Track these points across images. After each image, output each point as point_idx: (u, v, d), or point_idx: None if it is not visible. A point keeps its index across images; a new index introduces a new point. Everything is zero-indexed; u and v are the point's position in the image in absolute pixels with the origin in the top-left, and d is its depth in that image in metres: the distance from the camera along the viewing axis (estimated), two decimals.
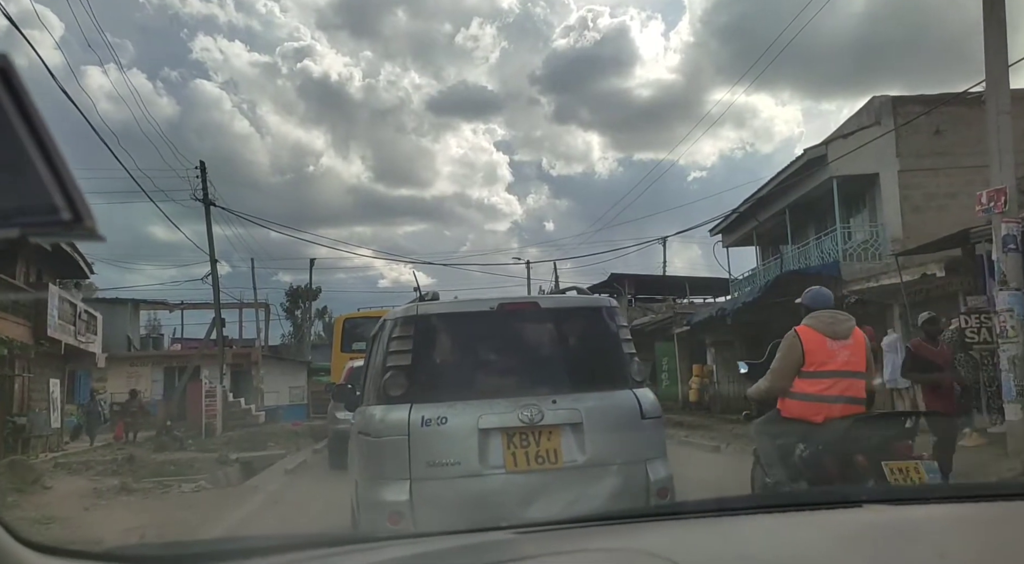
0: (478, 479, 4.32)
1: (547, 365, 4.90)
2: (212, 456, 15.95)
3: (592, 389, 4.68)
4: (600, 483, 4.41)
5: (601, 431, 4.50)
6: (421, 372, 4.58)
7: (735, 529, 1.58)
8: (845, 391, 4.99)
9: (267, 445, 19.80)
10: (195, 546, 2.01)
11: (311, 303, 47.85)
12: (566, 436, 4.43)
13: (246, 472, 15.10)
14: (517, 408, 4.39)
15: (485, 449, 4.35)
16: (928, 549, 1.38)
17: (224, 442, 19.95)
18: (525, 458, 4.37)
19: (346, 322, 20.39)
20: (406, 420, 4.35)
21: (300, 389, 35.63)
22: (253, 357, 33.14)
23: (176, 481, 10.61)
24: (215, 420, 23.64)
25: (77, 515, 8.37)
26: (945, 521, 1.59)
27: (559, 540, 1.55)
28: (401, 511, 4.24)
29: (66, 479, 12.16)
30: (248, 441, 20.23)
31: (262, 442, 20.29)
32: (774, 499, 2.06)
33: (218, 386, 24.59)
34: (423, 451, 4.32)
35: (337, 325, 21.37)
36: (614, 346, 4.88)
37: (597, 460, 4.43)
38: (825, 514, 1.66)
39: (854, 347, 5.14)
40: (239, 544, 1.87)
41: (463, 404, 4.46)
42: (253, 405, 29.22)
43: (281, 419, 29.05)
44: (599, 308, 5.04)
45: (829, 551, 1.42)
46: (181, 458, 15.26)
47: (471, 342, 4.93)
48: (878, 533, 1.49)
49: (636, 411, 4.62)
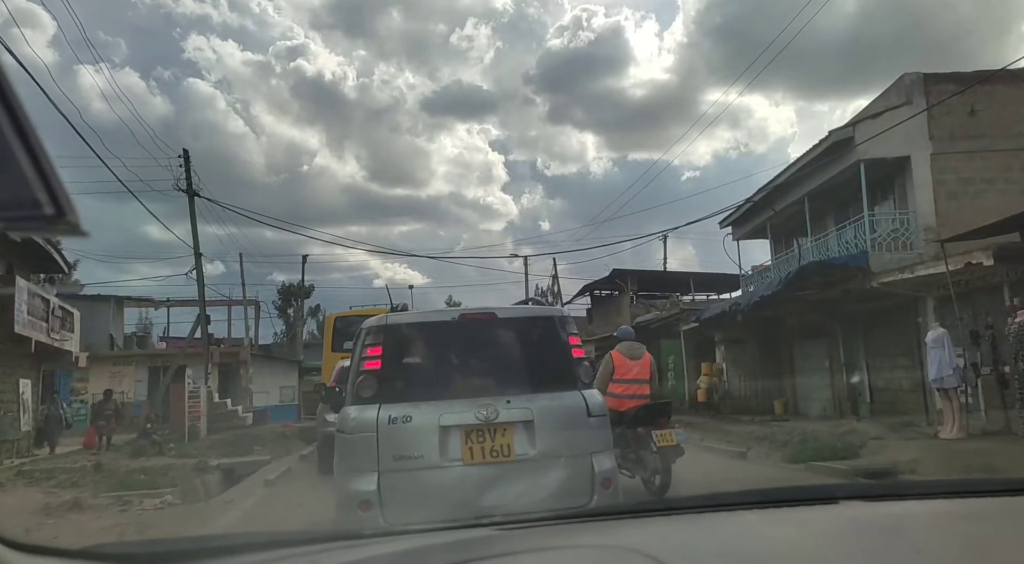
0: (439, 471, 4.78)
1: (503, 369, 5.39)
2: (191, 462, 14.77)
3: (543, 390, 5.14)
4: (549, 474, 4.88)
5: (550, 428, 4.96)
6: (389, 376, 5.05)
7: (717, 525, 1.61)
8: (636, 391, 8.11)
9: (253, 449, 18.77)
10: (178, 543, 2.01)
11: (303, 301, 46.50)
12: (519, 432, 4.90)
13: (226, 480, 13.91)
14: (474, 408, 4.86)
15: (445, 444, 4.82)
16: (905, 545, 1.38)
17: (207, 446, 18.83)
18: (481, 452, 4.83)
19: (337, 321, 19.57)
20: (375, 419, 4.82)
21: (291, 389, 34.32)
22: (241, 356, 31.80)
23: (139, 495, 9.33)
24: (199, 422, 22.42)
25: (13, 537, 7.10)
26: (922, 517, 1.61)
27: (544, 536, 1.57)
28: (370, 500, 4.67)
29: (21, 491, 10.91)
30: (233, 445, 19.11)
31: (248, 446, 19.22)
32: (755, 496, 1.85)
33: (203, 386, 23.30)
34: (390, 446, 4.77)
35: (328, 324, 20.47)
36: (565, 352, 5.35)
37: (547, 453, 4.91)
38: (804, 510, 1.66)
39: (643, 364, 8.27)
40: (224, 541, 1.82)
41: (426, 404, 4.91)
42: (240, 406, 27.93)
43: (270, 420, 27.80)
44: (551, 317, 5.62)
45: (808, 547, 1.42)
46: (156, 465, 13.98)
47: (435, 349, 5.40)
48: (855, 529, 1.52)
49: (583, 410, 5.10)
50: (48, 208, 0.76)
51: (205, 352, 24.97)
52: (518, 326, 5.61)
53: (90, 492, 9.91)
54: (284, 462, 14.62)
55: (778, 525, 1.58)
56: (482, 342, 5.47)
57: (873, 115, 15.77)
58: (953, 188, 15.44)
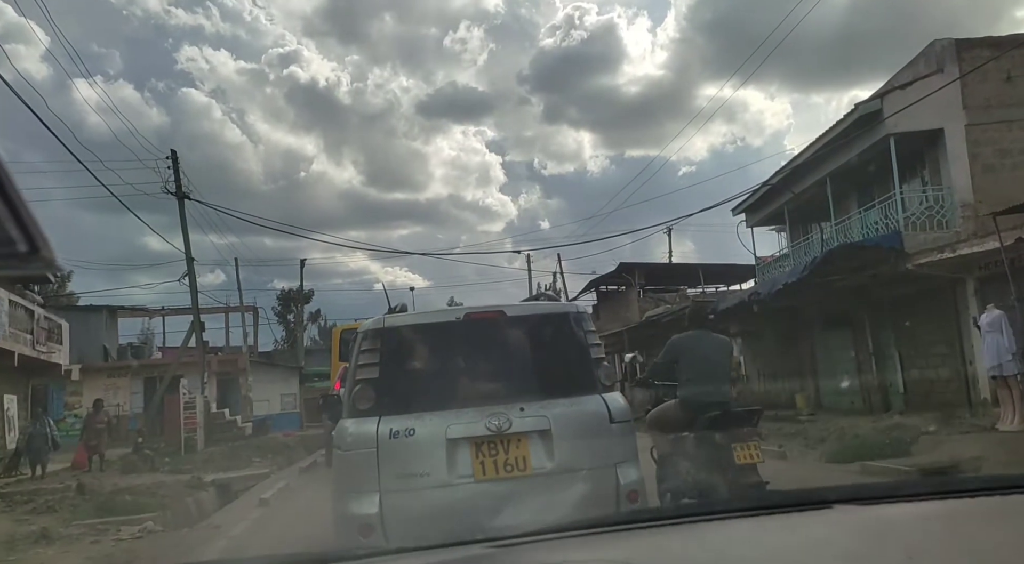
0: (448, 489, 4.32)
1: (514, 373, 4.90)
2: (184, 479, 13.79)
3: (560, 395, 4.68)
4: (570, 489, 4.42)
5: (570, 437, 4.52)
6: (389, 384, 4.59)
7: (711, 535, 1.60)
8: None
9: (251, 461, 17.88)
10: None
11: (303, 306, 45.49)
12: (534, 443, 4.47)
13: (220, 498, 12.93)
14: (485, 417, 4.43)
15: (454, 459, 4.37)
16: (897, 548, 1.37)
17: (203, 460, 17.85)
18: (494, 466, 4.39)
19: (343, 333, 19.10)
20: (374, 433, 4.39)
21: (292, 397, 33.28)
22: (240, 364, 30.79)
23: (117, 523, 8.30)
24: (195, 434, 21.42)
25: None
26: (914, 519, 1.59)
27: (536, 552, 1.55)
28: (371, 524, 4.25)
29: None
30: (231, 457, 18.20)
31: (246, 458, 18.32)
32: (747, 503, 1.84)
33: (199, 396, 22.30)
34: (392, 463, 4.35)
35: (335, 337, 20.06)
36: (582, 352, 4.88)
37: (566, 466, 4.45)
38: (797, 516, 1.64)
39: None
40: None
41: (431, 415, 4.47)
42: (240, 416, 26.93)
43: (271, 430, 26.79)
44: (566, 314, 5.10)
45: (801, 553, 1.43)
46: (145, 483, 12.97)
47: (438, 353, 4.89)
48: (848, 533, 1.52)
49: (605, 416, 4.65)
50: (22, 245, 0.78)
51: (201, 361, 23.97)
52: (529, 325, 5.03)
53: (65, 519, 8.90)
54: (283, 476, 13.60)
55: (771, 532, 1.57)
56: (490, 344, 4.96)
57: (902, 86, 14.74)
58: (990, 160, 14.41)
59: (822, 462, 11.24)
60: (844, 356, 19.14)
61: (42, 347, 19.43)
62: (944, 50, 14.63)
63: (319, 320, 56.27)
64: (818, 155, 17.08)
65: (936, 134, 14.71)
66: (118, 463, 17.52)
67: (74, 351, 26.68)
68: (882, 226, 15.54)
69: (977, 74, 14.15)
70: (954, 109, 14.45)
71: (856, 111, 14.98)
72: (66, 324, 22.86)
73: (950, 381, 14.76)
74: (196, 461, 17.69)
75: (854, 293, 16.58)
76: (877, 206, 15.94)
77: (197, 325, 22.87)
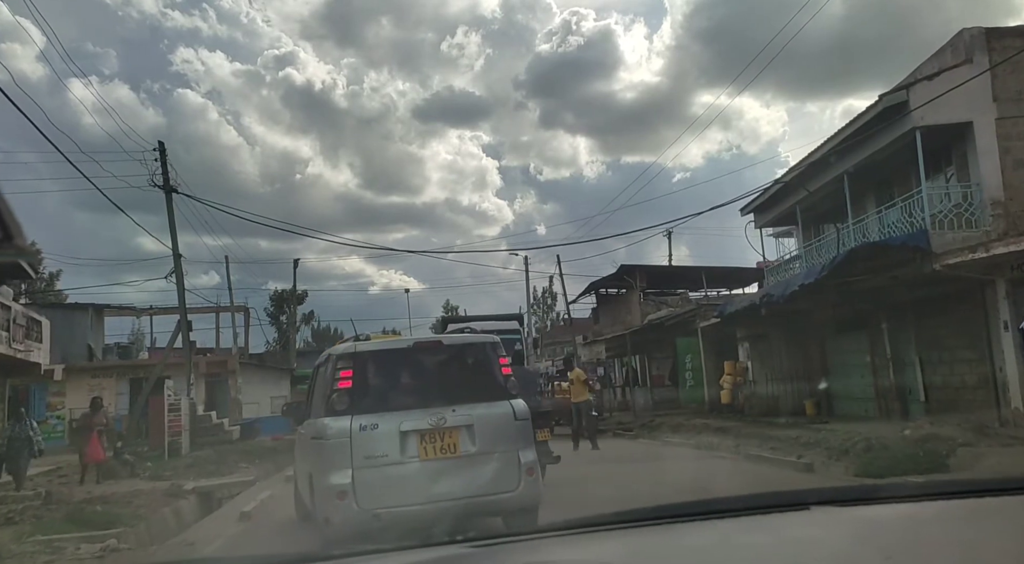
0: (400, 466, 6.11)
1: (449, 385, 6.74)
2: (164, 486, 12.90)
3: (480, 400, 6.53)
4: (486, 465, 6.29)
5: (486, 430, 6.39)
6: (359, 392, 6.38)
7: (689, 535, 1.59)
8: None
9: (237, 467, 17.00)
10: None
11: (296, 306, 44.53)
12: (462, 434, 6.30)
13: (202, 507, 12.04)
14: (427, 416, 6.25)
15: (405, 445, 6.18)
16: (875, 549, 1.36)
17: (186, 465, 16.96)
18: (434, 450, 6.21)
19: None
20: (348, 427, 6.15)
21: (282, 399, 32.26)
22: (230, 365, 29.86)
23: (76, 540, 7.40)
24: (180, 438, 20.51)
25: None
26: (892, 521, 1.58)
27: (516, 552, 1.56)
28: (345, 490, 5.95)
29: None
30: (215, 462, 17.29)
31: (232, 463, 17.43)
32: (726, 504, 1.74)
33: (184, 398, 21.38)
34: (361, 448, 6.08)
35: None
36: (496, 370, 6.77)
37: (484, 450, 6.32)
38: (775, 517, 1.62)
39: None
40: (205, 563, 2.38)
41: (389, 414, 6.27)
42: (227, 418, 25.98)
43: (260, 433, 25.83)
44: (485, 344, 6.99)
45: (780, 554, 1.42)
46: (120, 491, 12.09)
47: (395, 370, 6.76)
48: (825, 535, 1.51)
49: (511, 415, 6.54)
50: None
51: (188, 362, 23.03)
52: (459, 350, 7.03)
53: (24, 533, 8.01)
54: (268, 485, 12.72)
55: (750, 533, 1.55)
56: (432, 364, 6.83)
57: (928, 76, 13.96)
58: (1022, 156, 13.64)
59: (849, 476, 10.43)
60: (859, 361, 18.33)
61: (19, 345, 18.50)
62: (973, 39, 13.86)
63: (312, 322, 55.43)
64: (837, 150, 16.29)
65: (964, 128, 13.93)
66: (93, 468, 16.57)
67: (57, 350, 25.74)
68: (905, 225, 14.75)
69: (1008, 65, 13.38)
70: (984, 101, 13.67)
71: (880, 102, 14.17)
72: (47, 322, 21.90)
73: (977, 388, 13.96)
74: (179, 466, 16.81)
75: (872, 295, 15.78)
76: (900, 204, 15.14)
77: (184, 324, 21.94)
